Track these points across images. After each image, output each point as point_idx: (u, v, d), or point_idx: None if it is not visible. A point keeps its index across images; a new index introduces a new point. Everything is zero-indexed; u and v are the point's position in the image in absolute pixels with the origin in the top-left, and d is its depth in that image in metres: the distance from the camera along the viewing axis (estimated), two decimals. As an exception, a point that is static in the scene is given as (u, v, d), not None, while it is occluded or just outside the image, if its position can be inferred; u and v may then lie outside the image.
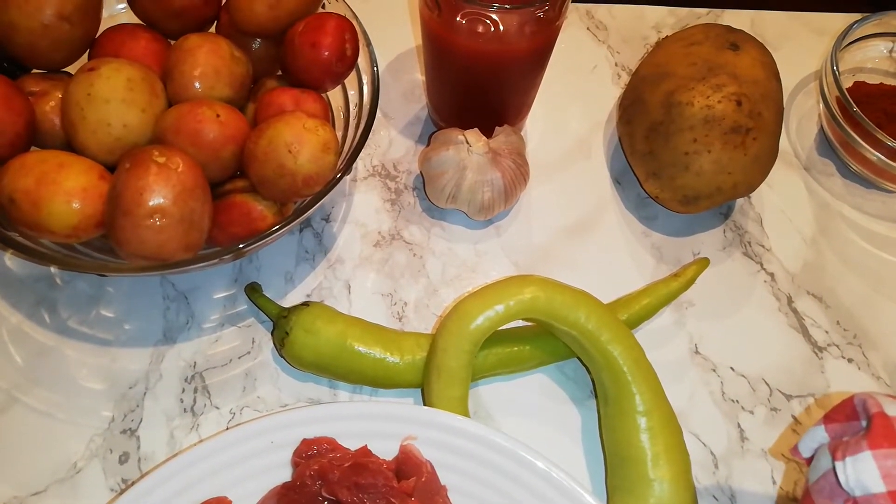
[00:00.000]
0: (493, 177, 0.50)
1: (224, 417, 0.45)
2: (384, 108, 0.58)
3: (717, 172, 0.48)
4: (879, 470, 0.26)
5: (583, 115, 0.59)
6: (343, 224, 0.53)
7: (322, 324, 0.44)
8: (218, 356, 0.47)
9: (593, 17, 0.65)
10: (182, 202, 0.38)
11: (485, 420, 0.46)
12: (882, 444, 0.27)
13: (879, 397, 0.29)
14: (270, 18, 0.45)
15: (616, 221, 0.54)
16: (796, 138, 0.60)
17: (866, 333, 0.50)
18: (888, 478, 0.26)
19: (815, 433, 0.30)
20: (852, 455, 0.27)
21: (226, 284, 0.49)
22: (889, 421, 0.27)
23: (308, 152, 0.40)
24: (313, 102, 0.45)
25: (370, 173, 0.55)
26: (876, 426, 0.27)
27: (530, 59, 0.49)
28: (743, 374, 0.48)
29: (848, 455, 0.27)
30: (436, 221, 0.53)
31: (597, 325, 0.42)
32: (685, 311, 0.50)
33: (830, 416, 0.30)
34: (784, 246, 0.54)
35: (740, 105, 0.48)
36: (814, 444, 0.30)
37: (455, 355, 0.41)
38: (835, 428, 0.30)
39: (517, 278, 0.43)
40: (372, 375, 0.44)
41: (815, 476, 0.29)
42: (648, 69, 0.53)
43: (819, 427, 0.30)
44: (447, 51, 0.49)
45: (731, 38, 0.52)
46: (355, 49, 0.46)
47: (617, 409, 0.42)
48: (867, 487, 0.26)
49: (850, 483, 0.27)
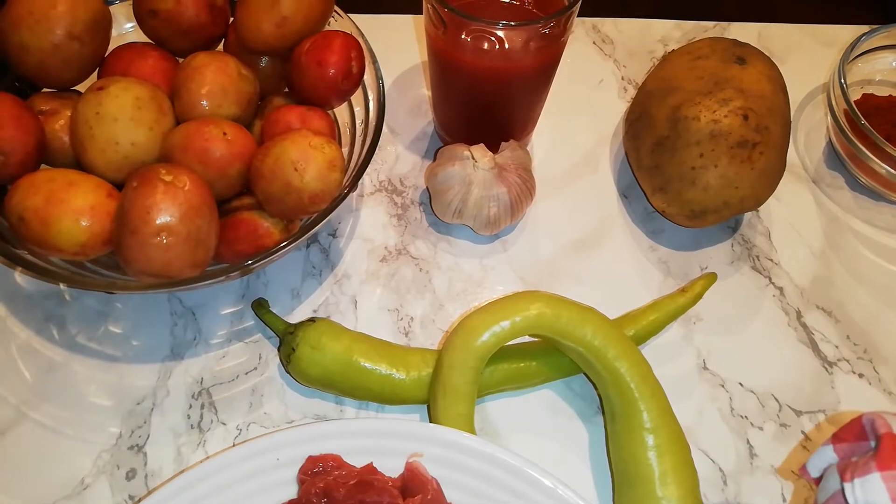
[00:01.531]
0: (499, 192, 0.50)
1: (231, 434, 0.45)
2: (391, 124, 0.58)
3: (724, 187, 0.48)
4: (889, 492, 0.26)
5: (589, 130, 0.60)
6: (350, 239, 0.53)
7: (328, 340, 0.44)
8: (225, 372, 0.47)
9: (599, 31, 0.66)
10: (189, 220, 0.39)
11: (492, 436, 0.46)
12: (891, 465, 0.26)
13: (888, 417, 0.28)
14: (277, 37, 0.46)
15: (623, 236, 0.54)
16: (804, 151, 0.59)
17: (877, 348, 0.50)
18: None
19: (823, 453, 0.30)
20: (861, 476, 0.27)
21: (233, 300, 0.50)
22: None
23: (314, 170, 0.40)
24: (319, 120, 0.45)
25: (377, 188, 0.55)
26: (885, 447, 0.27)
27: (536, 75, 0.49)
28: (752, 390, 0.48)
29: (857, 476, 0.27)
30: (442, 236, 0.53)
31: (603, 341, 0.42)
32: (693, 325, 0.50)
33: (839, 435, 0.29)
34: (793, 260, 0.53)
35: (747, 119, 0.48)
36: (822, 464, 0.30)
37: (461, 371, 0.41)
38: (843, 448, 0.29)
39: (523, 294, 0.43)
40: (378, 391, 0.44)
41: (824, 497, 0.29)
42: (655, 83, 0.53)
43: (828, 446, 0.30)
44: (453, 67, 0.49)
45: (738, 52, 0.52)
46: (361, 66, 0.46)
47: (624, 426, 0.41)
48: (876, 509, 0.26)
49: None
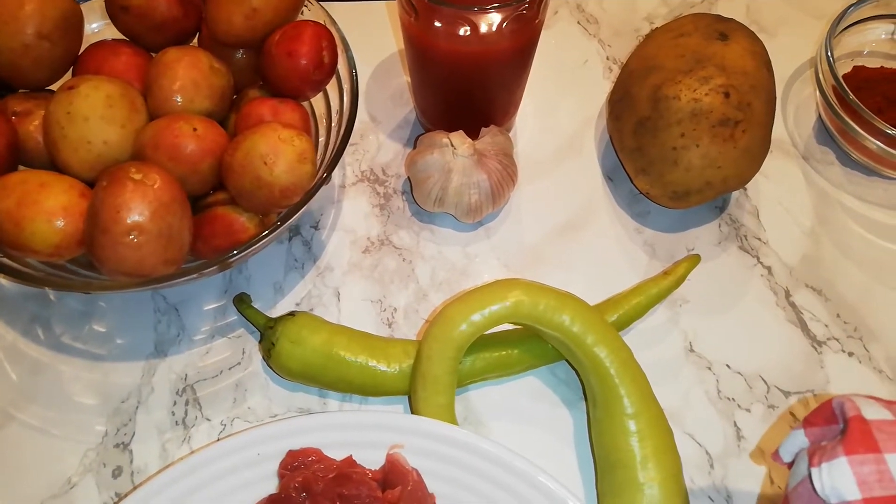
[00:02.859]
0: (479, 179, 0.49)
1: (215, 429, 0.45)
2: (372, 112, 0.58)
3: (706, 167, 0.47)
4: (855, 476, 0.25)
5: (574, 111, 0.59)
6: (332, 231, 0.52)
7: (308, 333, 0.44)
8: (208, 368, 0.47)
9: (584, 10, 0.65)
10: (159, 218, 0.39)
11: (475, 425, 0.45)
12: (858, 449, 0.26)
13: (858, 399, 0.28)
14: (247, 29, 0.45)
15: (608, 219, 0.53)
16: (794, 127, 0.58)
17: (867, 326, 0.49)
18: (864, 485, 0.25)
19: (795, 437, 0.29)
20: (828, 461, 0.26)
21: (216, 296, 0.50)
22: (867, 425, 0.26)
23: (284, 163, 0.40)
24: (292, 112, 0.45)
25: (359, 179, 0.55)
26: (852, 431, 0.26)
27: (513, 59, 0.49)
28: (739, 372, 0.47)
29: (824, 461, 0.26)
30: (425, 225, 0.53)
31: (582, 327, 0.41)
32: (679, 308, 0.50)
33: (810, 419, 0.29)
34: (781, 238, 0.53)
35: (728, 97, 0.47)
36: (794, 449, 0.29)
37: (439, 362, 0.41)
38: (814, 432, 0.29)
39: (501, 282, 0.42)
40: (359, 384, 0.44)
41: (794, 482, 0.28)
42: (636, 63, 0.52)
43: (799, 431, 0.29)
44: (428, 54, 0.48)
45: (721, 28, 0.51)
46: (333, 56, 0.46)
47: (605, 412, 0.41)
48: (842, 495, 0.26)
49: (825, 490, 0.26)
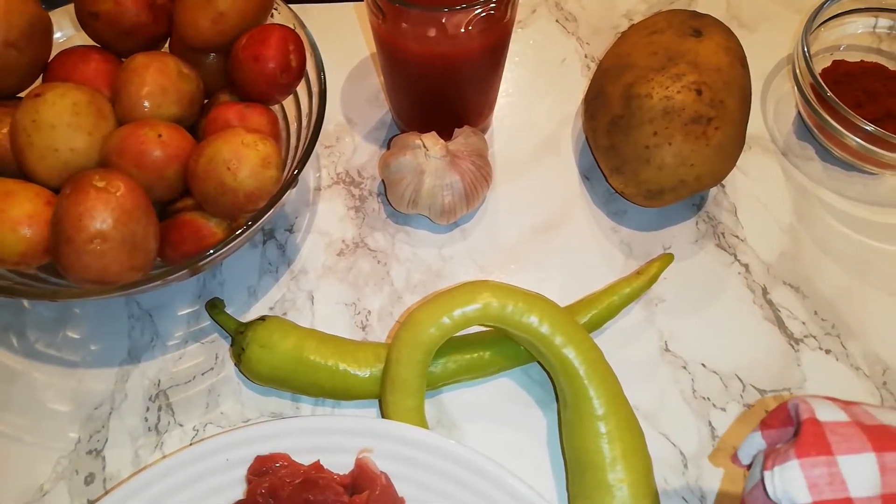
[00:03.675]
0: (452, 180, 0.49)
1: (188, 435, 0.45)
2: (348, 114, 0.58)
3: (679, 165, 0.47)
4: (806, 480, 0.25)
5: (551, 111, 0.58)
6: (307, 234, 0.52)
7: (278, 338, 0.43)
8: (182, 373, 0.47)
9: (562, 8, 0.64)
10: (122, 225, 0.38)
11: (448, 428, 0.45)
12: (810, 452, 0.26)
13: (814, 401, 0.27)
14: (215, 33, 0.45)
15: (584, 218, 0.53)
16: (774, 122, 0.58)
17: (845, 323, 0.49)
18: (814, 488, 0.25)
19: (752, 440, 0.29)
20: (780, 464, 0.26)
21: (190, 301, 0.50)
22: (819, 427, 0.26)
23: (248, 168, 0.40)
24: (259, 116, 0.44)
25: (334, 181, 0.55)
26: (805, 433, 0.26)
27: (484, 59, 0.48)
28: (715, 371, 0.47)
29: (776, 464, 0.26)
30: (400, 227, 0.53)
31: (551, 328, 0.41)
32: (655, 307, 0.49)
33: (767, 421, 0.29)
34: (759, 235, 0.52)
35: (700, 94, 0.46)
36: (752, 451, 0.29)
37: (408, 365, 0.41)
38: (771, 434, 0.28)
39: (470, 285, 0.42)
40: (330, 388, 0.44)
41: (750, 485, 0.28)
42: (610, 61, 0.52)
43: (756, 433, 0.29)
44: (398, 56, 0.48)
45: (695, 24, 0.50)
46: (301, 59, 0.46)
47: (574, 413, 0.41)
48: (793, 498, 0.25)
49: (777, 493, 0.26)
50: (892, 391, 0.46)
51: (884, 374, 0.47)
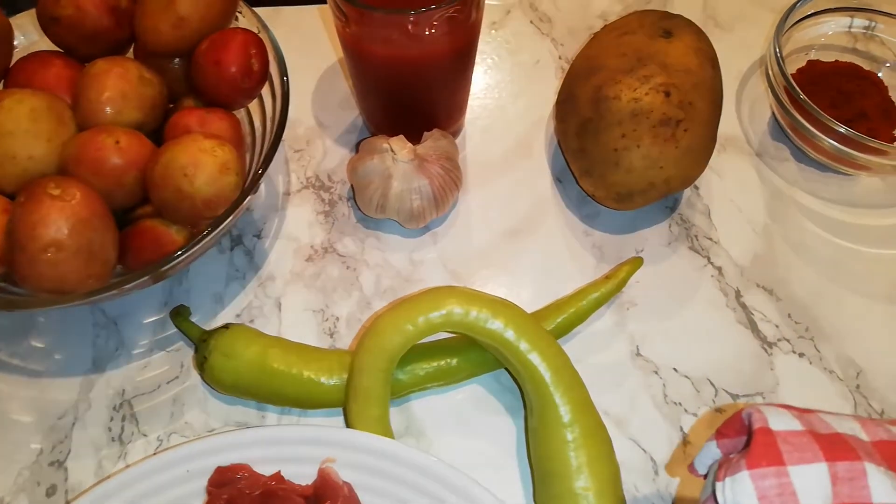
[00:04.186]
0: (421, 184, 0.48)
1: (151, 445, 0.45)
2: (319, 118, 0.57)
3: (647, 168, 0.46)
4: (756, 491, 0.25)
5: (525, 113, 0.58)
6: (275, 239, 0.52)
7: (241, 346, 0.43)
8: (146, 382, 0.46)
9: (537, 9, 0.64)
10: (77, 234, 0.38)
11: (417, 436, 0.45)
12: (760, 462, 0.25)
13: (768, 410, 0.27)
14: (176, 38, 0.45)
15: (556, 221, 0.53)
16: (749, 123, 0.57)
17: (819, 325, 0.48)
18: (764, 500, 0.24)
19: (708, 449, 0.28)
20: (731, 475, 0.25)
21: (155, 309, 0.49)
22: (772, 437, 0.25)
23: (205, 175, 0.39)
24: (220, 121, 0.44)
25: (304, 185, 0.54)
26: (756, 443, 0.25)
27: (451, 61, 0.48)
28: (687, 375, 0.47)
29: (728, 475, 0.26)
30: (370, 232, 0.52)
31: (516, 334, 0.40)
32: (626, 312, 0.49)
33: (722, 430, 0.28)
34: (733, 238, 0.52)
35: (669, 96, 0.46)
36: (708, 461, 0.29)
37: (371, 374, 0.40)
38: (726, 443, 0.28)
39: (434, 291, 0.42)
40: (294, 397, 0.43)
41: (704, 496, 0.27)
42: (581, 62, 0.51)
43: (712, 442, 0.28)
44: (363, 59, 0.47)
45: (666, 25, 0.50)
46: (263, 63, 0.45)
47: (540, 421, 0.40)
48: (743, 511, 0.25)
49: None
50: (865, 394, 0.46)
51: (857, 377, 0.46)
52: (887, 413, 0.45)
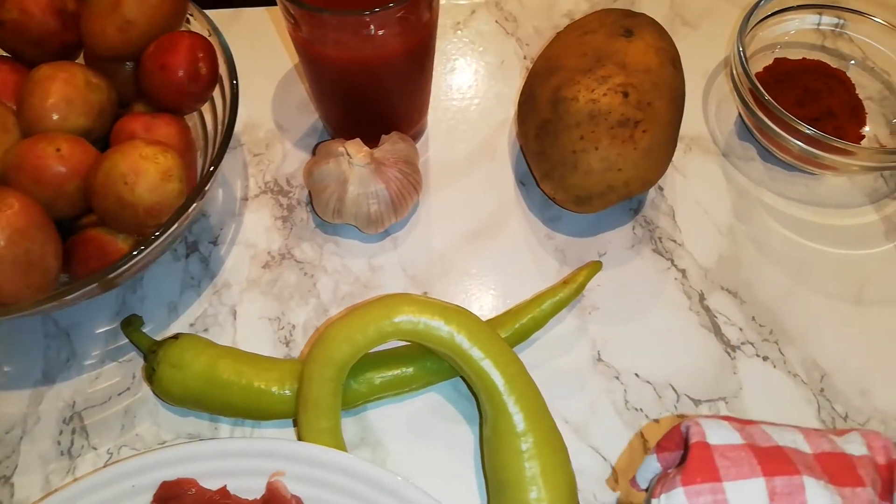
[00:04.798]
0: (377, 188, 0.47)
1: (101, 458, 0.44)
2: (279, 120, 0.56)
3: (606, 170, 0.45)
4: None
5: (488, 114, 0.57)
6: (232, 246, 0.51)
7: (190, 357, 0.42)
8: (98, 394, 0.45)
9: (502, 8, 0.63)
10: (14, 244, 0.37)
11: (373, 446, 0.44)
12: (695, 479, 0.24)
13: (707, 422, 0.26)
14: (123, 42, 0.43)
15: (519, 225, 0.52)
16: (715, 123, 0.57)
17: (783, 328, 0.47)
18: (698, 518, 0.24)
19: (649, 463, 0.28)
20: (667, 492, 0.25)
21: (108, 318, 0.48)
22: (708, 452, 0.25)
23: (146, 182, 0.38)
24: (166, 126, 0.43)
25: (262, 190, 0.53)
26: (692, 459, 0.25)
27: (406, 63, 0.47)
28: (648, 381, 0.46)
29: (663, 491, 0.25)
30: (329, 237, 0.51)
31: (469, 342, 0.40)
32: (588, 316, 0.48)
33: (661, 444, 0.27)
34: (698, 239, 0.51)
35: (627, 96, 0.45)
36: (649, 475, 0.28)
37: (319, 385, 0.39)
38: (666, 457, 0.27)
39: (385, 298, 0.41)
40: (244, 408, 0.42)
41: (644, 512, 0.27)
42: (541, 63, 0.50)
43: (652, 456, 0.28)
44: (317, 62, 0.46)
45: (628, 24, 0.49)
46: (212, 67, 0.44)
47: (494, 430, 0.39)
48: (677, 529, 0.24)
49: (662, 523, 0.24)
50: (829, 398, 0.45)
51: (821, 380, 0.46)
52: (850, 416, 0.45)
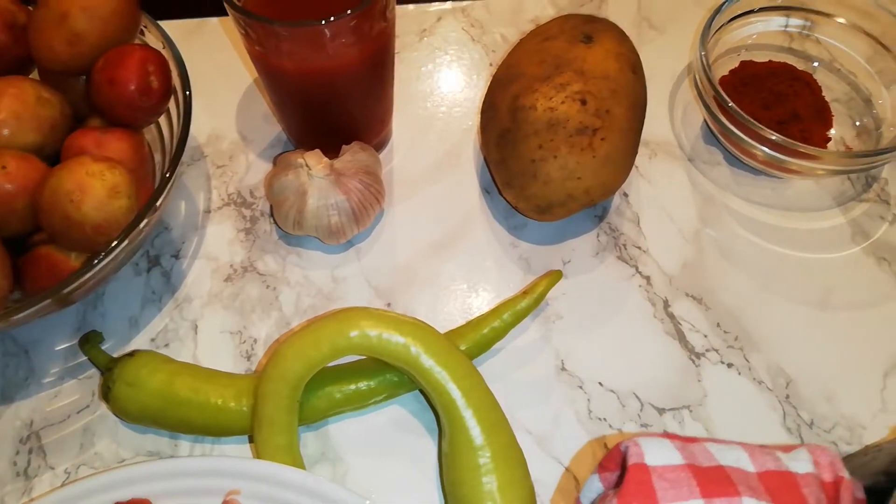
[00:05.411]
0: (338, 200, 0.47)
1: (59, 478, 0.43)
2: (243, 131, 0.56)
3: (565, 179, 0.45)
4: (626, 532, 0.24)
5: (454, 123, 0.56)
6: (194, 259, 0.50)
7: (146, 374, 0.41)
8: (56, 412, 0.45)
9: (469, 14, 0.62)
10: (-41, 265, 0.36)
11: (333, 462, 0.43)
12: (631, 502, 0.24)
13: (647, 442, 0.26)
14: (72, 56, 0.43)
15: (484, 234, 0.51)
16: (681, 127, 0.56)
17: (748, 334, 0.47)
18: (633, 541, 0.23)
19: (591, 483, 0.27)
20: (603, 514, 0.24)
21: (68, 335, 0.47)
22: (646, 474, 0.24)
23: (92, 200, 0.38)
24: (118, 142, 0.42)
25: (225, 202, 0.52)
26: (628, 481, 0.24)
27: (363, 72, 0.46)
28: (612, 390, 0.45)
29: (600, 514, 0.24)
30: (292, 249, 0.51)
31: (425, 355, 0.39)
32: (552, 325, 0.48)
33: (603, 463, 0.27)
34: (662, 246, 0.51)
35: (585, 104, 0.45)
36: (592, 495, 0.27)
37: (274, 402, 0.39)
38: (608, 477, 0.27)
39: (341, 313, 0.40)
40: (202, 425, 0.42)
41: (584, 533, 0.26)
42: (502, 70, 0.50)
43: (595, 476, 0.27)
44: (274, 74, 0.46)
45: (587, 30, 0.49)
46: (164, 80, 0.43)
47: (451, 445, 0.39)
48: (612, 553, 0.24)
49: (598, 547, 0.24)
50: (794, 404, 0.45)
51: (787, 386, 0.46)
52: (816, 423, 0.44)
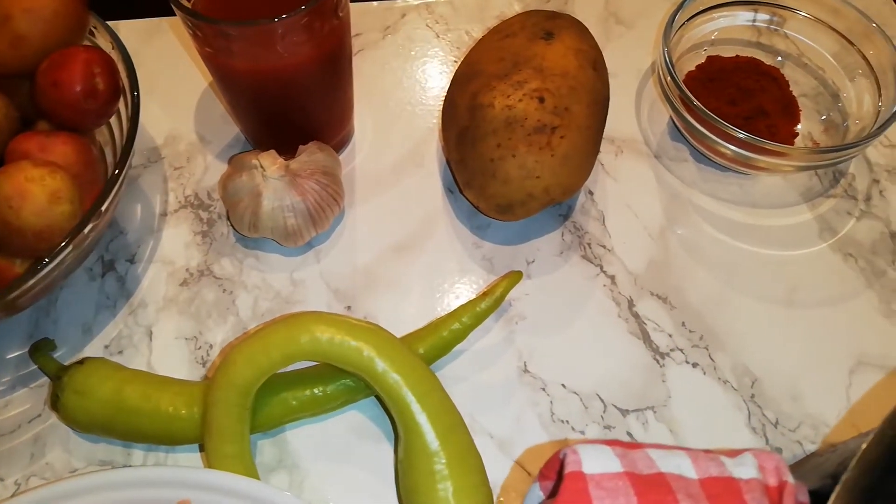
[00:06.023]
0: (293, 201, 0.46)
1: (8, 490, 0.42)
2: (201, 132, 0.55)
3: (524, 178, 0.44)
4: (560, 544, 0.23)
5: (418, 121, 0.56)
6: (149, 263, 0.49)
7: (95, 382, 0.40)
8: (6, 422, 0.44)
9: (433, 11, 0.61)
10: None
11: (290, 470, 0.42)
12: (566, 512, 0.23)
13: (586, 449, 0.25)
14: (15, 58, 0.42)
15: (446, 234, 0.50)
16: (648, 124, 0.56)
17: (714, 333, 0.47)
18: (566, 554, 0.23)
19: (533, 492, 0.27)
20: (538, 525, 0.24)
21: (20, 342, 0.46)
22: (582, 482, 0.24)
23: (32, 206, 0.37)
24: (63, 145, 0.41)
25: (182, 205, 0.51)
26: (564, 490, 0.23)
27: (318, 71, 0.45)
28: (575, 391, 0.45)
29: (536, 525, 0.24)
30: (250, 251, 0.50)
31: (379, 359, 0.38)
32: (515, 326, 0.47)
33: (543, 471, 0.26)
34: (627, 244, 0.50)
35: (543, 102, 0.44)
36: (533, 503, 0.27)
37: (224, 409, 0.38)
38: (547, 486, 0.26)
39: (291, 318, 0.39)
40: (153, 434, 0.41)
41: (524, 544, 0.26)
42: (462, 68, 0.49)
43: (535, 484, 0.27)
44: (226, 75, 0.45)
45: (548, 27, 0.48)
46: (111, 82, 0.42)
47: (406, 451, 0.38)
48: (545, 566, 0.23)
49: (532, 559, 0.23)
50: (759, 404, 0.44)
51: (752, 386, 0.45)
52: (781, 423, 0.44)
